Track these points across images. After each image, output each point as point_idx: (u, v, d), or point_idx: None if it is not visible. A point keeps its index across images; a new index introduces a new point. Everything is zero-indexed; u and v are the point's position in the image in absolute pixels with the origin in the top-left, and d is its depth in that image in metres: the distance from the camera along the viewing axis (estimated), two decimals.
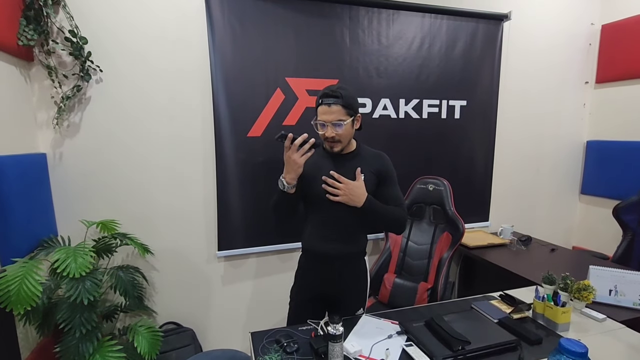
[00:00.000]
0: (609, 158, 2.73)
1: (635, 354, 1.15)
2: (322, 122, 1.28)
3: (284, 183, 1.27)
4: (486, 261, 2.13)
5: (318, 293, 1.44)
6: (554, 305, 1.29)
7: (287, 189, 1.28)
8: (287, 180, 1.26)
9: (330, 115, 1.26)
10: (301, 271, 1.50)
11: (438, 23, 2.27)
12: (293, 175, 1.26)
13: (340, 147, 1.32)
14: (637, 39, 2.52)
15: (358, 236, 1.45)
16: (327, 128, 1.27)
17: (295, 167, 1.24)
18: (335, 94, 1.25)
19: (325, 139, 1.31)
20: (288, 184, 1.27)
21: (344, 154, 1.37)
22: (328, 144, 1.32)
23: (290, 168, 1.25)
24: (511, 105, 2.60)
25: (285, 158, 1.24)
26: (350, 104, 1.28)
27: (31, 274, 1.28)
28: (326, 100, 1.26)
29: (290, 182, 1.27)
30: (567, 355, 0.84)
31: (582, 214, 2.97)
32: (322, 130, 1.30)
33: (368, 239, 1.52)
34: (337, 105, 1.25)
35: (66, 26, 1.63)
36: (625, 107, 2.64)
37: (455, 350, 1.11)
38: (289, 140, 1.21)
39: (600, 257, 2.25)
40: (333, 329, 1.02)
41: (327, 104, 1.26)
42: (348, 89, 1.30)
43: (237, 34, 1.89)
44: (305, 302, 1.47)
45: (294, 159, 1.22)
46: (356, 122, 1.34)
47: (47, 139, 1.72)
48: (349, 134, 1.32)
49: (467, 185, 2.51)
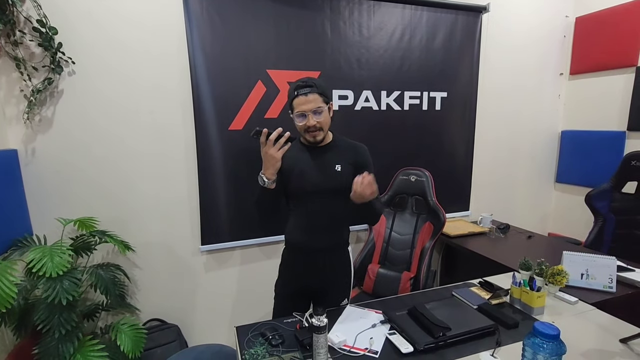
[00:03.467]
0: (582, 147, 2.83)
1: (604, 334, 1.21)
2: (302, 112, 1.28)
3: (264, 179, 1.28)
4: (467, 249, 2.19)
5: (303, 286, 1.45)
6: (529, 290, 1.34)
7: (267, 185, 1.29)
8: (267, 175, 1.28)
9: (309, 104, 1.27)
10: (285, 265, 1.50)
11: (418, 14, 2.28)
12: (272, 170, 1.27)
13: (322, 135, 1.34)
14: (610, 31, 2.60)
15: (341, 227, 1.47)
16: (307, 118, 1.28)
17: (273, 161, 1.26)
18: (309, 83, 1.28)
19: (306, 130, 1.31)
20: (268, 179, 1.28)
21: (322, 145, 1.38)
22: (310, 134, 1.32)
23: (268, 163, 1.26)
24: (490, 96, 2.65)
25: (263, 154, 1.26)
26: (324, 91, 1.31)
27: (5, 275, 1.24)
28: (302, 91, 1.27)
29: (270, 177, 1.28)
30: (541, 338, 0.87)
31: (557, 201, 3.08)
32: (303, 121, 1.30)
33: (351, 230, 1.54)
34: (314, 93, 1.27)
35: (34, 15, 1.56)
36: (597, 98, 2.73)
37: (436, 337, 1.15)
38: (264, 135, 1.22)
39: (574, 243, 2.34)
40: (317, 321, 1.03)
41: (304, 93, 1.27)
42: (318, 79, 1.32)
43: (217, 25, 1.84)
44: (290, 295, 1.47)
45: (271, 154, 1.24)
46: (330, 110, 1.36)
47: (18, 134, 1.65)
48: (328, 121, 1.35)
49: (448, 176, 2.56)
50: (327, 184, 1.36)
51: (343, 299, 1.49)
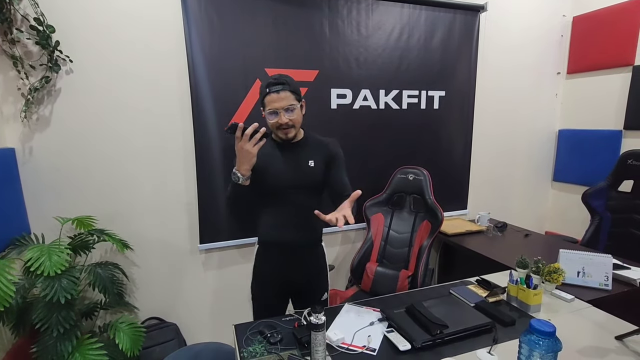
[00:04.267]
0: (579, 146, 2.85)
1: (600, 331, 1.22)
2: (274, 109, 1.28)
3: (238, 175, 1.25)
4: (464, 248, 2.20)
5: (283, 284, 1.45)
6: (526, 288, 1.35)
7: (242, 181, 1.26)
8: (242, 172, 1.25)
9: (281, 101, 1.27)
10: (262, 265, 1.48)
11: (417, 13, 2.28)
12: (247, 166, 1.25)
13: (294, 133, 1.34)
14: (607, 30, 2.61)
15: (316, 222, 1.42)
16: (280, 115, 1.29)
17: (249, 157, 1.23)
18: (281, 81, 1.28)
19: (278, 127, 1.31)
20: (242, 175, 1.25)
21: (294, 142, 1.39)
22: (282, 131, 1.33)
23: (243, 159, 1.23)
24: (487, 95, 2.66)
25: (237, 149, 1.23)
26: (296, 89, 1.32)
27: (3, 273, 1.24)
28: (274, 88, 1.27)
29: (244, 173, 1.25)
30: (537, 334, 0.88)
31: (554, 200, 3.10)
32: (275, 119, 1.30)
33: (349, 230, 1.55)
34: (286, 91, 1.28)
35: (31, 13, 1.55)
36: (594, 97, 2.74)
37: (433, 335, 1.15)
38: (240, 130, 1.20)
39: (571, 241, 2.36)
40: (315, 319, 1.03)
41: (276, 91, 1.27)
42: (290, 77, 1.32)
43: (215, 23, 1.84)
44: (270, 296, 1.47)
45: (247, 149, 1.21)
46: (303, 108, 1.37)
47: (15, 133, 1.64)
48: (300, 118, 1.35)
49: (446, 174, 2.57)
50: (301, 180, 1.37)
51: (323, 293, 1.51)
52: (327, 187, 1.44)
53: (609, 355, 1.09)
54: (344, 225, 1.12)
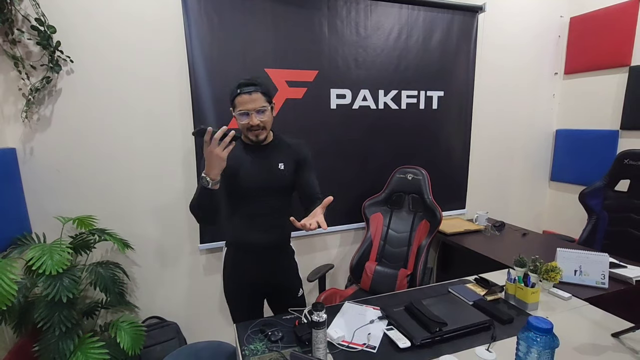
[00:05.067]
0: (576, 146, 2.87)
1: (597, 329, 1.24)
2: (245, 110, 1.27)
3: (207, 180, 1.21)
4: (463, 247, 2.22)
5: (258, 285, 1.47)
6: (524, 286, 1.37)
7: (211, 185, 1.21)
8: (211, 176, 1.20)
9: (252, 103, 1.27)
10: (233, 268, 1.47)
11: (415, 14, 2.30)
12: (217, 170, 1.21)
13: (265, 135, 1.35)
14: (603, 31, 2.63)
15: (286, 222, 1.40)
16: (250, 117, 1.28)
17: (219, 161, 1.19)
18: (253, 82, 1.28)
19: (249, 129, 1.31)
20: (212, 179, 1.21)
21: (263, 145, 1.38)
22: (252, 133, 1.32)
23: (214, 163, 1.19)
24: (486, 95, 2.67)
25: (206, 154, 1.18)
26: (268, 90, 1.32)
27: (5, 272, 1.25)
28: (246, 89, 1.26)
29: (214, 178, 1.21)
30: (535, 331, 0.89)
31: (551, 199, 3.12)
32: (246, 120, 1.29)
33: (348, 230, 1.56)
34: (257, 92, 1.27)
35: (32, 14, 1.56)
36: (591, 97, 2.76)
37: (433, 332, 1.17)
38: (209, 134, 1.15)
39: (568, 240, 2.38)
40: (317, 316, 1.04)
41: (248, 92, 1.26)
42: (263, 77, 1.31)
43: (215, 24, 1.85)
44: (245, 299, 1.48)
45: (217, 154, 1.17)
46: (274, 110, 1.37)
47: (16, 133, 1.65)
48: (271, 120, 1.35)
49: (445, 174, 2.59)
50: (272, 183, 1.38)
51: (298, 289, 1.55)
52: (296, 188, 1.45)
53: (605, 353, 1.11)
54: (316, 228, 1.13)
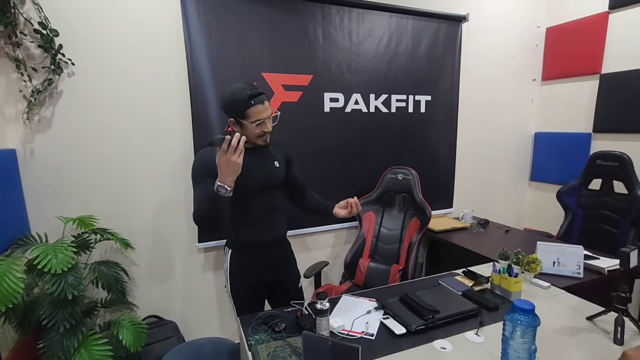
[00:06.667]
0: (553, 148, 3.05)
1: (573, 313, 1.35)
2: (261, 120, 1.34)
3: (226, 188, 1.22)
4: (450, 243, 2.33)
5: (262, 281, 1.53)
6: (508, 276, 1.47)
7: (228, 193, 1.24)
8: (227, 184, 1.23)
9: (267, 111, 1.35)
10: (238, 267, 1.51)
11: (404, 22, 2.41)
12: (234, 177, 1.24)
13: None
14: (576, 41, 2.81)
15: (282, 217, 1.56)
16: (266, 124, 1.36)
17: (236, 168, 1.23)
18: (261, 91, 1.34)
19: (261, 135, 1.38)
20: (229, 187, 1.23)
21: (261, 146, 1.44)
22: (262, 139, 1.39)
23: (229, 170, 1.22)
24: (470, 99, 2.81)
25: (223, 162, 1.20)
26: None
27: (11, 270, 1.27)
28: (259, 99, 1.32)
29: (231, 185, 1.23)
30: (519, 312, 0.99)
31: (531, 198, 3.29)
32: (261, 128, 1.35)
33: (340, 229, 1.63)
34: (267, 101, 1.36)
35: (35, 17, 1.58)
36: (567, 102, 2.94)
37: (426, 319, 1.26)
38: (226, 142, 1.17)
39: (547, 236, 2.52)
40: (320, 305, 1.12)
41: (261, 102, 1.32)
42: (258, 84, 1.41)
43: (213, 29, 1.91)
44: (250, 294, 1.54)
45: (234, 161, 1.20)
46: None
47: (17, 134, 1.66)
48: None
49: (433, 175, 2.71)
50: (271, 181, 1.47)
51: (298, 281, 1.64)
52: (286, 182, 1.56)
53: (580, 334, 1.22)
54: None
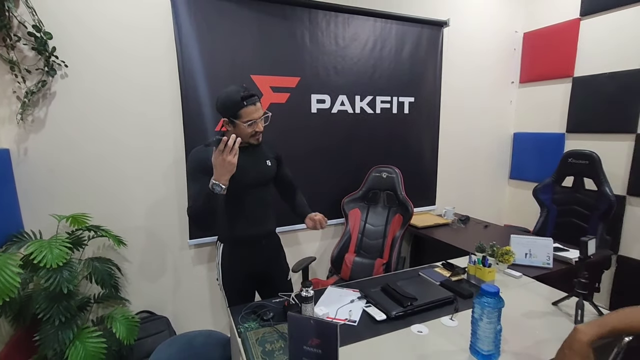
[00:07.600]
0: (530, 147, 3.19)
1: (541, 300, 1.46)
2: (254, 119, 1.41)
3: (221, 186, 1.29)
4: (432, 238, 2.44)
5: (254, 274, 1.61)
6: (482, 267, 1.58)
7: (222, 191, 1.30)
8: (222, 182, 1.29)
9: (258, 112, 1.42)
10: (230, 261, 1.58)
11: (388, 27, 2.51)
12: (228, 175, 1.30)
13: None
14: (551, 45, 2.96)
15: (272, 213, 1.65)
16: (258, 124, 1.44)
17: (231, 168, 1.29)
18: (253, 92, 1.40)
19: (254, 135, 1.45)
20: (224, 185, 1.30)
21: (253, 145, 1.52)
22: (255, 138, 1.47)
23: (224, 170, 1.28)
24: (451, 102, 2.93)
25: (219, 161, 1.26)
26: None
27: (7, 265, 1.31)
28: (251, 100, 1.39)
29: (225, 183, 1.30)
30: (486, 295, 1.09)
31: (510, 195, 3.44)
32: (253, 128, 1.42)
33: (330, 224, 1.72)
34: (258, 101, 1.43)
35: (29, 20, 1.62)
36: (542, 104, 3.09)
37: (405, 306, 1.35)
38: (223, 143, 1.24)
39: (524, 231, 2.66)
40: (305, 292, 1.20)
41: (253, 103, 1.39)
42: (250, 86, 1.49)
43: (204, 32, 1.98)
44: (242, 287, 1.62)
45: (229, 160, 1.27)
46: None
47: (10, 134, 1.70)
48: None
49: (416, 173, 2.82)
50: (263, 178, 1.55)
51: (287, 274, 1.72)
52: (277, 180, 1.66)
53: (545, 317, 1.33)
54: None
